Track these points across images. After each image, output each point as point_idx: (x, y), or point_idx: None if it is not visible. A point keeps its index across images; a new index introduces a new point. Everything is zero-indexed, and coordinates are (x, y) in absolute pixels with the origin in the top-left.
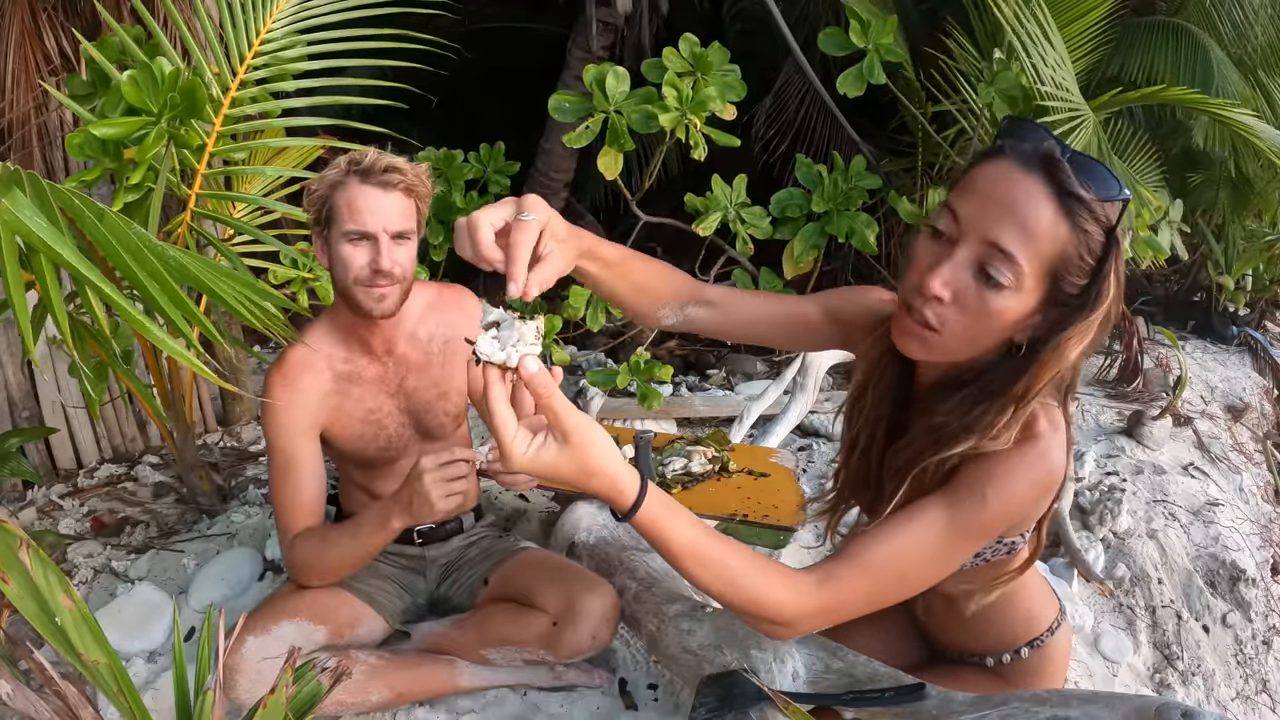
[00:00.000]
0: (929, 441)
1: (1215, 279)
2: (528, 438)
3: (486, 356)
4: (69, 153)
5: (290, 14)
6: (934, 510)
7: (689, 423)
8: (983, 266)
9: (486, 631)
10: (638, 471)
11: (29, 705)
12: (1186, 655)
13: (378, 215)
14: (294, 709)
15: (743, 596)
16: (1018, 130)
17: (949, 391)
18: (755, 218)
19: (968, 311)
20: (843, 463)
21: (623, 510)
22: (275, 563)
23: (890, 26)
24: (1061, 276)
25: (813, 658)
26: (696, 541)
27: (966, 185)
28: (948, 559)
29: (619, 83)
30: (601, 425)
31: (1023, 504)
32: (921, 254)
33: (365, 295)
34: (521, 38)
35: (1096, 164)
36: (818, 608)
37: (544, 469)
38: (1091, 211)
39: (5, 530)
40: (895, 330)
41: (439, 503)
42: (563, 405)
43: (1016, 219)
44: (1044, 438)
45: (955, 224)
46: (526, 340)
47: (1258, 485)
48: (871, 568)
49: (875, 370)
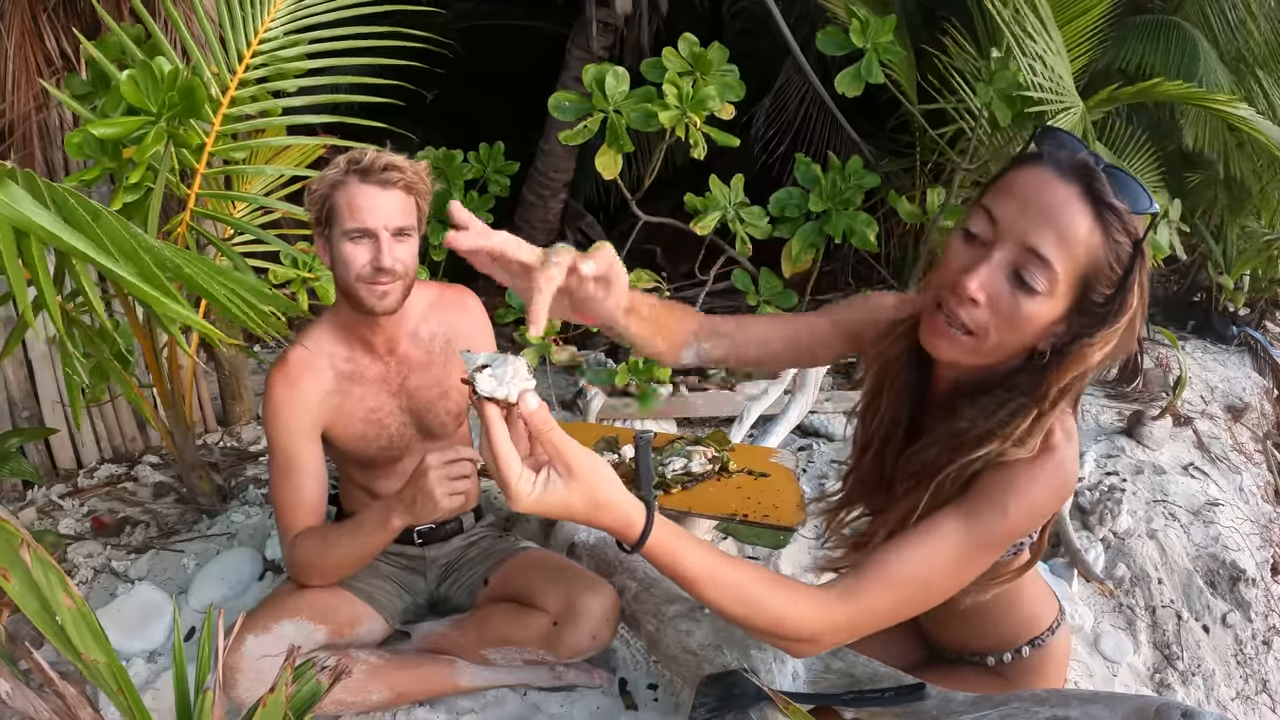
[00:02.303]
0: (950, 446)
1: (1215, 279)
2: (531, 476)
3: (488, 393)
4: (68, 152)
5: (287, 14)
6: (953, 521)
7: (689, 423)
8: (1018, 271)
9: (486, 631)
10: (642, 502)
11: (28, 704)
12: (1186, 655)
13: (378, 213)
14: (294, 708)
15: (765, 617)
16: (1053, 138)
17: (969, 396)
18: (754, 217)
19: (1000, 315)
20: (854, 464)
21: (631, 541)
22: (275, 563)
23: (889, 26)
24: (1091, 285)
25: (813, 658)
26: (711, 565)
27: (1003, 189)
28: (968, 569)
29: (619, 83)
30: (601, 425)
31: (1041, 513)
32: (955, 255)
33: (368, 292)
34: (521, 37)
35: (1128, 176)
36: (841, 623)
37: (553, 506)
38: (1124, 222)
39: (6, 529)
40: (925, 330)
41: (443, 500)
42: (564, 440)
43: (1055, 226)
44: (1061, 448)
45: (992, 227)
46: (521, 375)
47: (1258, 485)
48: (893, 580)
49: (891, 371)
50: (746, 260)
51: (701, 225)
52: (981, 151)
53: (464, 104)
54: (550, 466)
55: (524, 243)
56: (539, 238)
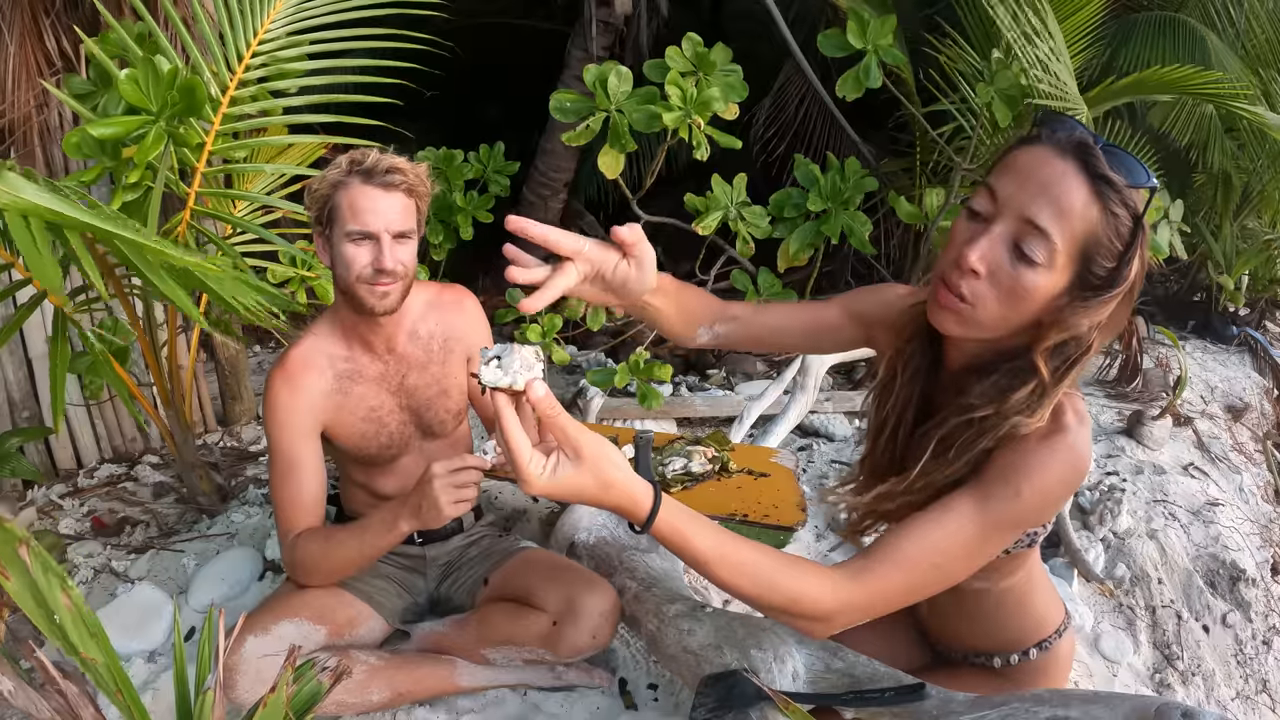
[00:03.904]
0: (961, 422)
1: (1215, 279)
2: (542, 459)
3: (493, 382)
4: (66, 152)
5: (288, 14)
6: (967, 503)
7: (689, 423)
8: (1018, 243)
9: (486, 631)
10: (647, 481)
11: (30, 703)
12: (1186, 655)
13: (380, 216)
14: (294, 708)
15: (780, 595)
16: (1052, 121)
17: (978, 375)
18: (755, 217)
19: (1001, 287)
20: (869, 449)
21: (640, 520)
22: (275, 563)
23: (889, 27)
24: (1091, 258)
25: (813, 658)
26: (722, 544)
27: (1004, 167)
28: (982, 551)
29: (621, 82)
30: (601, 425)
31: (1055, 496)
32: (959, 232)
33: (368, 293)
34: (521, 36)
35: (1126, 154)
36: (854, 603)
37: (564, 488)
38: (1121, 196)
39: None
40: (931, 306)
41: (447, 508)
42: (570, 423)
43: (1052, 198)
44: (1072, 430)
45: (993, 203)
46: (529, 364)
47: (1258, 485)
48: (906, 561)
49: (904, 354)
50: (747, 260)
51: (703, 225)
52: (981, 151)
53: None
54: (559, 450)
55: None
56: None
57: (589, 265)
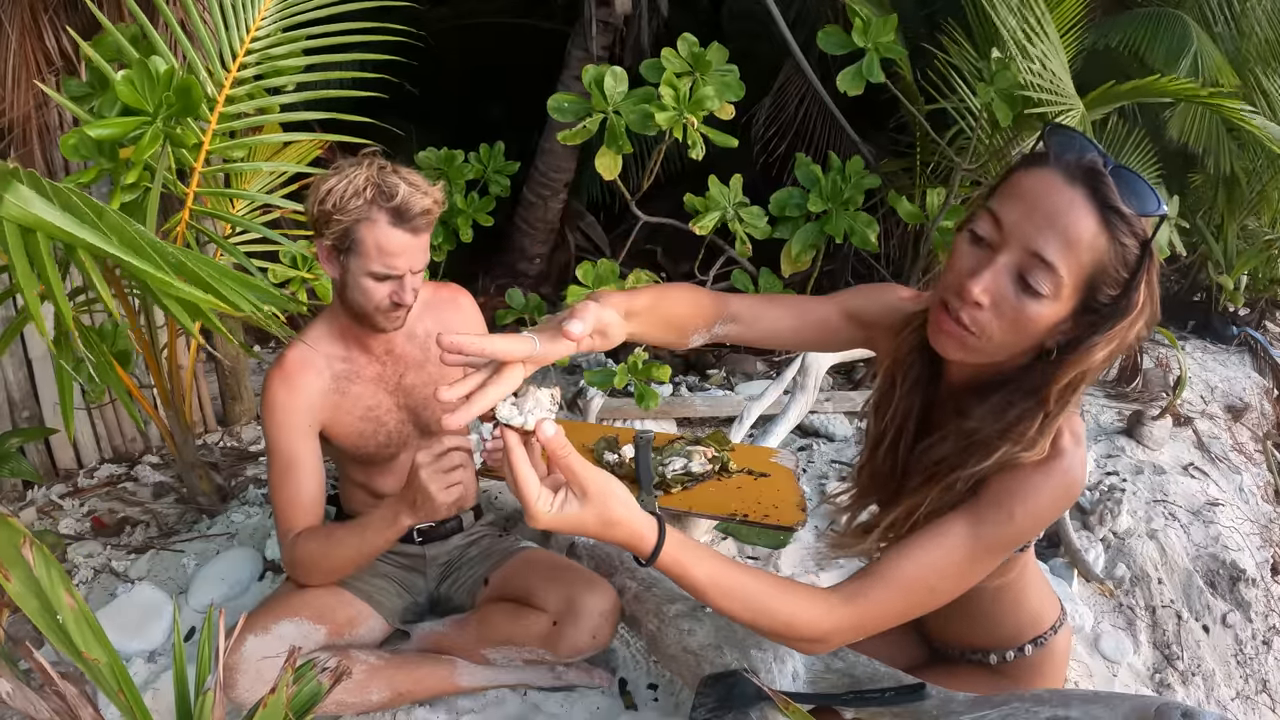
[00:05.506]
0: (961, 447)
1: (1215, 279)
2: (550, 496)
3: (506, 420)
4: (63, 154)
5: (276, 11)
6: (960, 526)
7: (689, 423)
8: (1023, 275)
9: (486, 631)
10: (654, 517)
11: (29, 704)
12: (1186, 655)
13: (407, 259)
14: (294, 708)
15: (775, 620)
16: (1060, 139)
17: (980, 394)
18: (753, 217)
19: (1004, 318)
20: (867, 458)
21: (644, 555)
22: (275, 563)
23: (890, 25)
24: (1097, 287)
25: (813, 658)
26: (718, 573)
27: (1010, 191)
28: (974, 573)
29: (617, 83)
30: (601, 426)
31: (1047, 518)
32: (962, 257)
33: (384, 319)
34: (521, 36)
35: (1138, 178)
36: (848, 624)
37: (568, 524)
38: (1130, 226)
39: (9, 526)
40: (932, 329)
41: (439, 495)
42: (579, 464)
43: (1059, 231)
44: (1068, 453)
45: (998, 230)
46: (543, 406)
47: (1258, 485)
48: (899, 583)
49: (903, 366)
50: (746, 260)
51: (701, 225)
52: (981, 151)
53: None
54: (567, 487)
55: (510, 343)
56: (539, 237)
57: (538, 364)
